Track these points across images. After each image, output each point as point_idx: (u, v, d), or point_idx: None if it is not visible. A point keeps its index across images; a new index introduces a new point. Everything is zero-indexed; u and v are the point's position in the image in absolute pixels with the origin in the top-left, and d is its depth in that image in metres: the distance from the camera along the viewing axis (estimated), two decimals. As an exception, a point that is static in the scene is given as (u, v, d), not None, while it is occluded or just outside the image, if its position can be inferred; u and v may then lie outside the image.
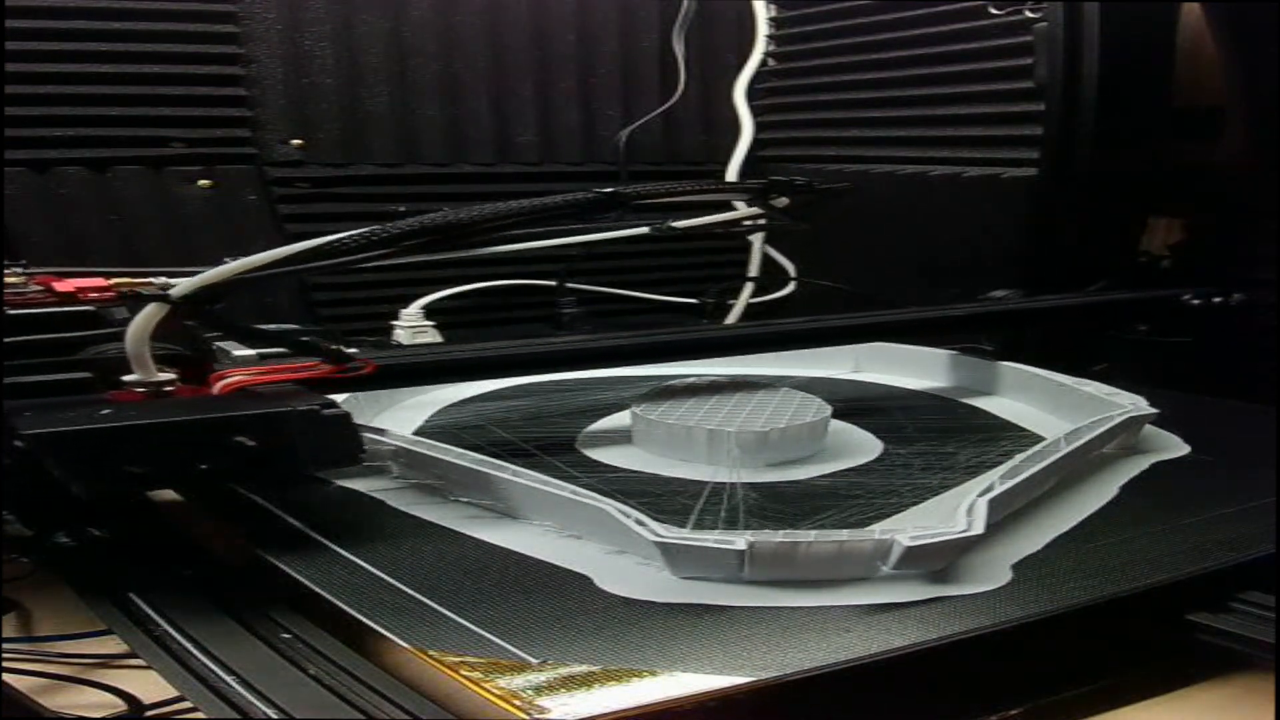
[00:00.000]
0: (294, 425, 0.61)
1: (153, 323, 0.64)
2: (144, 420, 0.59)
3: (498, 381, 1.02)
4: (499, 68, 1.40)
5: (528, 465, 0.68)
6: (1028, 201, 1.13)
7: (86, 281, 0.79)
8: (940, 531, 0.57)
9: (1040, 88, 1.10)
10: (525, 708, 0.44)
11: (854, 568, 0.57)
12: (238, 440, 0.59)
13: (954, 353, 1.05)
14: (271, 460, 0.61)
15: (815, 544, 0.56)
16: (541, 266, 1.34)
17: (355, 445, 0.65)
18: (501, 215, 0.75)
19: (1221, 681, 0.55)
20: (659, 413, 0.82)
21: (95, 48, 1.17)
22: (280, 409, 0.62)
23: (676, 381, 0.92)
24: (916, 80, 1.29)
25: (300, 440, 0.61)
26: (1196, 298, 1.03)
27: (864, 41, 1.37)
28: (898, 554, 0.56)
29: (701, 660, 0.48)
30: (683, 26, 1.49)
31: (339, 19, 1.31)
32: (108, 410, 0.60)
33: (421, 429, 0.88)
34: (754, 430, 0.78)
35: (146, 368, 0.66)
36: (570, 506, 0.63)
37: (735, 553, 0.55)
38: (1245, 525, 0.65)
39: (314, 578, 0.56)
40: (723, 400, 0.85)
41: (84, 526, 0.64)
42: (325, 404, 0.63)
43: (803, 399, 0.85)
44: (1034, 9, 1.12)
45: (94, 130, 1.18)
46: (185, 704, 0.50)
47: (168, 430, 0.59)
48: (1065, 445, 0.72)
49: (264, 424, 0.61)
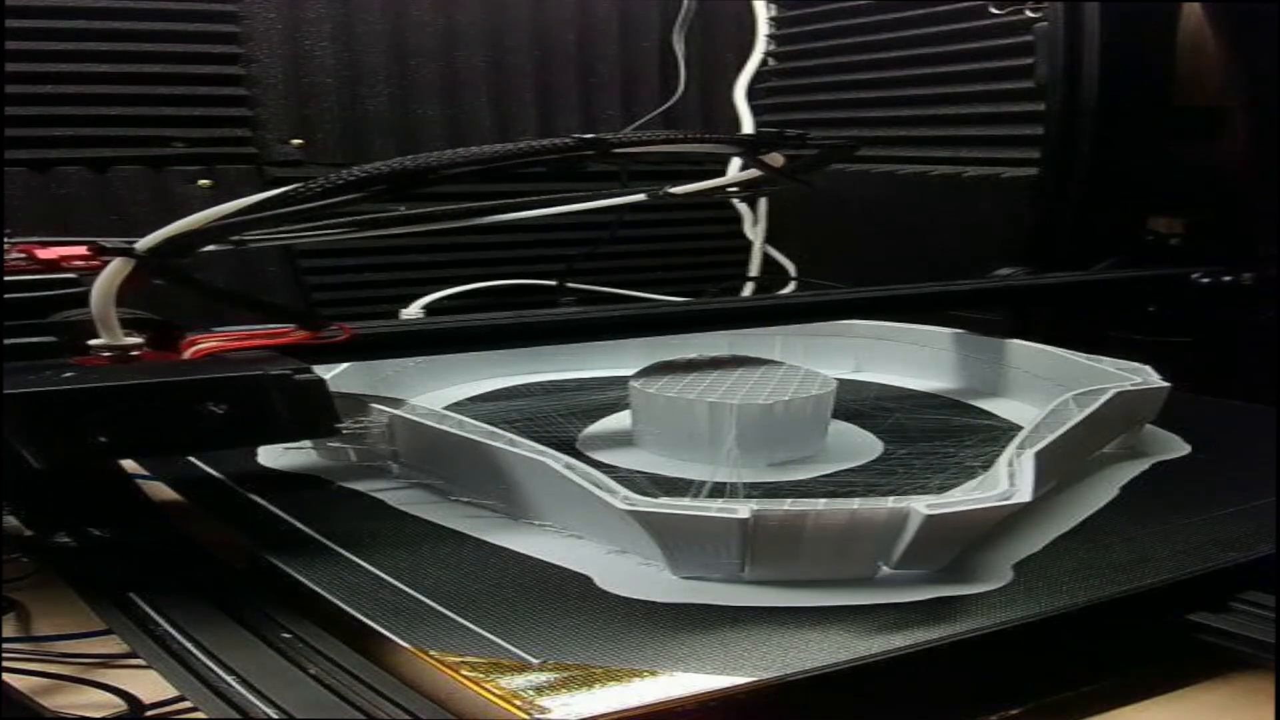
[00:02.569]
0: (265, 390, 0.58)
1: (117, 280, 0.61)
2: (104, 383, 0.56)
3: (497, 382, 1.02)
4: (499, 68, 1.40)
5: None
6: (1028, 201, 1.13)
7: (69, 250, 0.76)
8: (962, 500, 0.55)
9: (1040, 88, 1.10)
10: (526, 708, 0.44)
11: (864, 544, 0.54)
12: (205, 406, 0.56)
13: (955, 353, 1.04)
14: (242, 428, 0.58)
15: (825, 513, 0.53)
16: (542, 267, 1.34)
17: (330, 413, 0.62)
18: (476, 159, 0.70)
19: (1221, 681, 0.55)
20: (658, 386, 0.79)
21: (95, 48, 1.17)
22: (250, 373, 0.59)
23: (677, 358, 0.89)
24: (916, 80, 1.29)
25: (272, 407, 0.58)
26: (1205, 276, 1.01)
27: (864, 41, 1.37)
28: (915, 525, 0.53)
29: (702, 660, 0.48)
30: (683, 26, 1.49)
31: (339, 19, 1.31)
32: (70, 374, 0.57)
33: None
34: (757, 403, 0.76)
35: (112, 330, 0.61)
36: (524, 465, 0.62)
37: (737, 522, 0.53)
38: (1245, 525, 0.65)
39: (314, 578, 0.56)
40: (724, 375, 0.83)
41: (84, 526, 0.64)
42: (299, 368, 0.60)
43: (806, 374, 0.83)
44: (1034, 9, 1.12)
45: (94, 130, 1.18)
46: (185, 704, 0.49)
47: (130, 394, 0.55)
48: (1076, 407, 0.71)
49: (232, 388, 0.57)
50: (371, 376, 0.89)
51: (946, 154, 1.26)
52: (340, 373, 0.84)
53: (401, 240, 1.35)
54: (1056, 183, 1.11)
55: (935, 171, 1.26)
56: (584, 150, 0.72)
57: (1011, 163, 1.16)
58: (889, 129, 1.34)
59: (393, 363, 0.93)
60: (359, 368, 0.86)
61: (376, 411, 0.72)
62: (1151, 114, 1.10)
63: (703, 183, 0.91)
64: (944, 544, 0.56)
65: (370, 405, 0.72)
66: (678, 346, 0.96)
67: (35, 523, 0.65)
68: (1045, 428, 0.69)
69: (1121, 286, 1.06)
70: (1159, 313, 1.04)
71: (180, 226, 0.62)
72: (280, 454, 0.78)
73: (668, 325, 0.97)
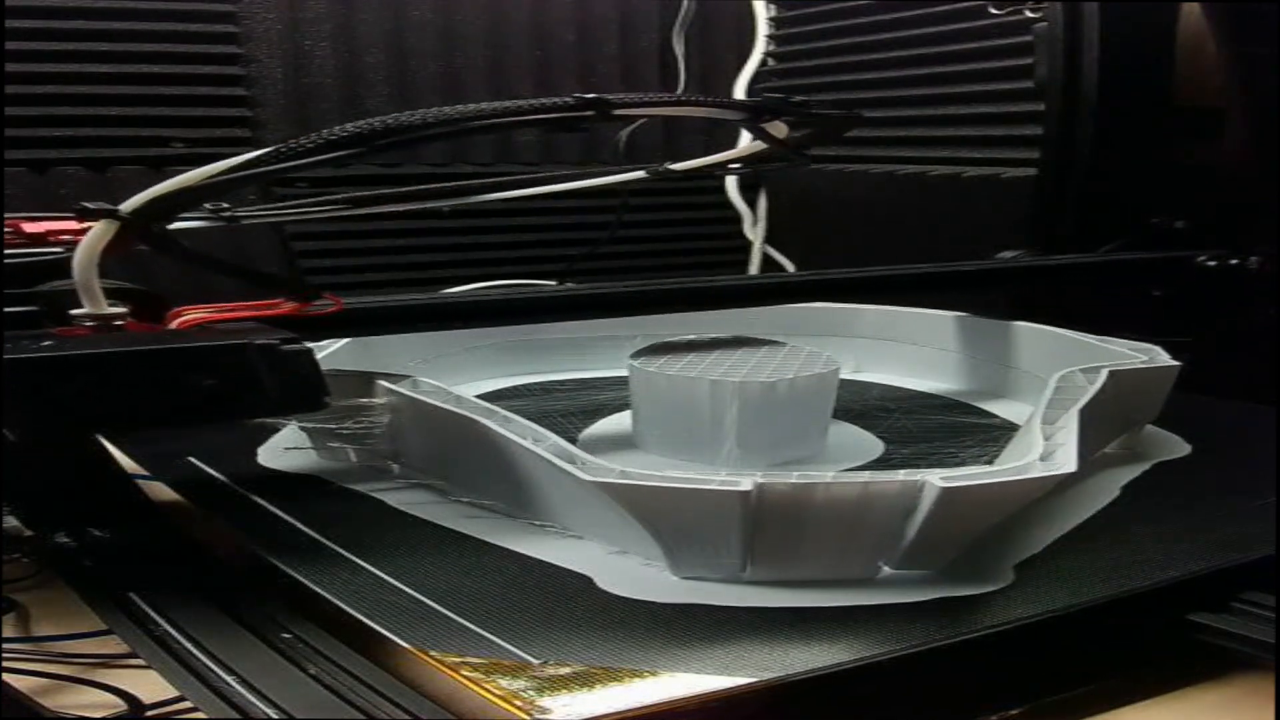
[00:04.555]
0: (250, 360, 0.56)
1: (101, 243, 0.58)
2: (81, 351, 0.54)
3: (497, 382, 1.02)
4: (499, 68, 1.40)
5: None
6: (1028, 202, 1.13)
7: (57, 224, 0.74)
8: (983, 471, 0.52)
9: (1040, 88, 1.10)
10: (526, 708, 0.44)
11: (876, 523, 0.52)
12: (188, 376, 0.54)
13: (957, 352, 1.04)
14: (226, 401, 0.56)
15: (835, 485, 0.51)
16: (542, 267, 1.34)
17: (319, 386, 0.59)
18: (469, 116, 0.66)
19: (1221, 681, 0.55)
20: (659, 365, 0.77)
21: (95, 48, 1.17)
22: (234, 342, 0.57)
23: (676, 338, 0.86)
24: (916, 80, 1.29)
25: (258, 378, 0.56)
26: (1211, 259, 1.00)
27: (864, 41, 1.37)
28: (931, 498, 0.51)
29: (702, 660, 0.48)
30: (683, 26, 1.49)
31: (339, 19, 1.31)
32: (48, 343, 0.55)
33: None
34: (760, 381, 0.74)
35: (95, 298, 0.59)
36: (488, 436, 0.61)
37: (738, 494, 0.51)
38: (1245, 525, 0.65)
39: (314, 578, 0.56)
40: (725, 355, 0.80)
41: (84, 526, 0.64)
42: (286, 338, 0.58)
43: (810, 354, 0.81)
44: (1034, 9, 1.12)
45: (94, 130, 1.18)
46: (185, 704, 0.49)
47: (108, 362, 0.53)
48: (1087, 382, 0.70)
49: (216, 358, 0.55)
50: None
51: (946, 154, 1.26)
52: (334, 351, 0.83)
53: (401, 241, 1.36)
54: (1056, 183, 1.11)
55: (935, 172, 1.26)
56: (583, 111, 0.69)
57: (1011, 163, 1.16)
58: (889, 129, 1.34)
59: (393, 363, 0.93)
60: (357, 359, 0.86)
61: (364, 384, 0.70)
62: (1151, 114, 1.10)
63: (704, 158, 0.89)
64: (963, 525, 0.53)
65: (363, 382, 0.71)
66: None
67: (35, 523, 0.65)
68: (1058, 403, 0.66)
69: (1125, 268, 1.05)
70: (1162, 301, 1.03)
71: (167, 186, 0.60)
72: (280, 454, 0.78)
73: (660, 304, 0.95)
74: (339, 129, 0.62)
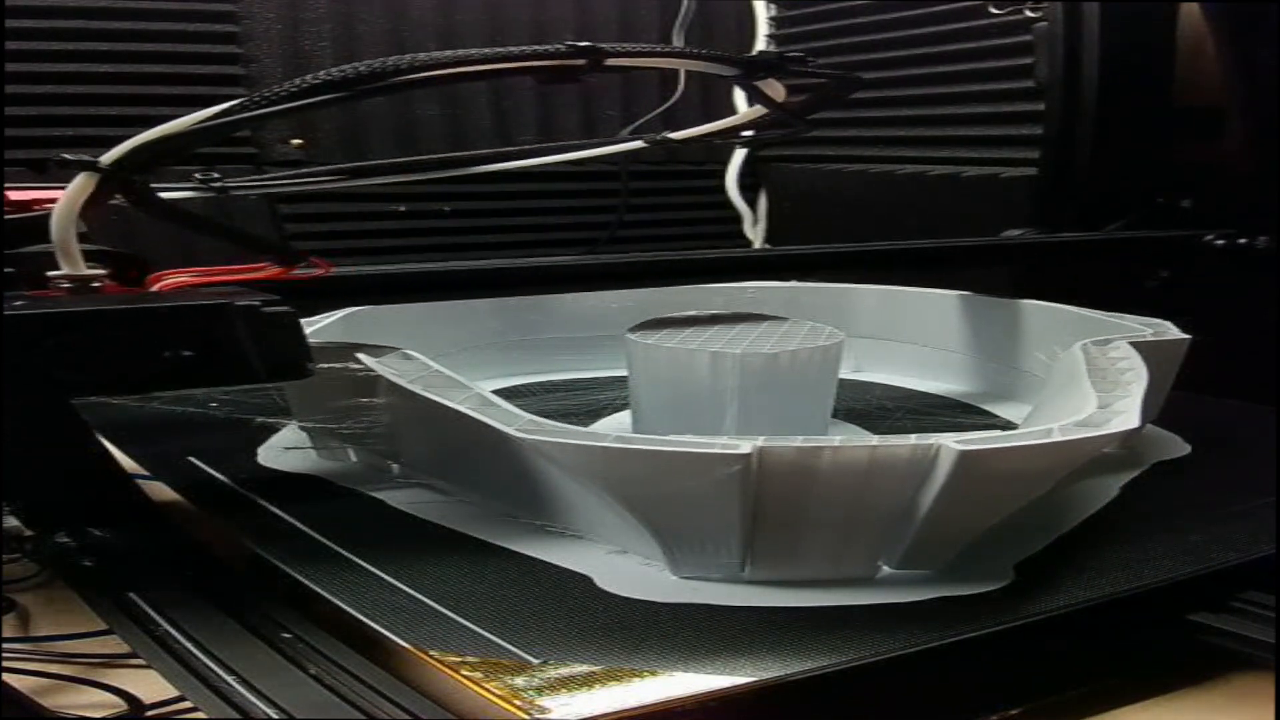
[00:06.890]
0: (230, 322, 0.53)
1: (80, 198, 0.56)
2: (53, 309, 0.51)
3: (497, 382, 1.02)
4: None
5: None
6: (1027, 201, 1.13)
7: (44, 193, 0.70)
8: (999, 436, 0.50)
9: (1040, 88, 1.10)
10: (526, 708, 0.44)
11: (886, 492, 0.50)
12: (166, 338, 0.52)
13: (958, 351, 1.04)
14: (206, 365, 0.53)
15: (842, 449, 0.48)
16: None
17: (303, 352, 0.57)
18: (464, 60, 0.64)
19: (1221, 681, 0.55)
20: (657, 338, 0.76)
21: (95, 47, 1.17)
22: (214, 302, 0.55)
23: (674, 315, 0.83)
24: (916, 80, 1.29)
25: (238, 341, 0.53)
26: (1220, 238, 0.98)
27: (864, 41, 1.37)
28: (949, 461, 0.48)
29: (702, 660, 0.48)
30: (683, 26, 1.48)
31: (339, 19, 1.31)
32: (19, 303, 0.52)
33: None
34: (762, 353, 0.71)
35: (72, 258, 0.56)
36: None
37: (738, 456, 0.49)
38: (1245, 525, 0.65)
39: (315, 578, 0.56)
40: (725, 329, 0.78)
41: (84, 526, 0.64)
42: (268, 300, 0.56)
43: (812, 327, 0.79)
44: (1034, 9, 1.12)
45: (94, 130, 1.17)
46: (185, 704, 0.49)
47: (80, 321, 0.51)
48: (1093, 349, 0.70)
49: (194, 319, 0.53)
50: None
51: (945, 153, 1.26)
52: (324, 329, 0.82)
53: (400, 241, 1.36)
54: (1055, 183, 1.11)
55: (934, 171, 1.26)
56: (575, 59, 0.67)
57: (1011, 162, 1.16)
58: (888, 129, 1.34)
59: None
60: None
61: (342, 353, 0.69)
62: (1151, 114, 1.10)
63: (703, 126, 0.87)
64: (986, 498, 0.50)
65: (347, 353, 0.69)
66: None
67: (35, 523, 0.65)
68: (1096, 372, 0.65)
69: (1132, 246, 1.04)
70: (1168, 283, 1.02)
71: (149, 135, 0.57)
72: (280, 454, 0.78)
73: (656, 275, 0.93)
74: (323, 73, 0.60)
